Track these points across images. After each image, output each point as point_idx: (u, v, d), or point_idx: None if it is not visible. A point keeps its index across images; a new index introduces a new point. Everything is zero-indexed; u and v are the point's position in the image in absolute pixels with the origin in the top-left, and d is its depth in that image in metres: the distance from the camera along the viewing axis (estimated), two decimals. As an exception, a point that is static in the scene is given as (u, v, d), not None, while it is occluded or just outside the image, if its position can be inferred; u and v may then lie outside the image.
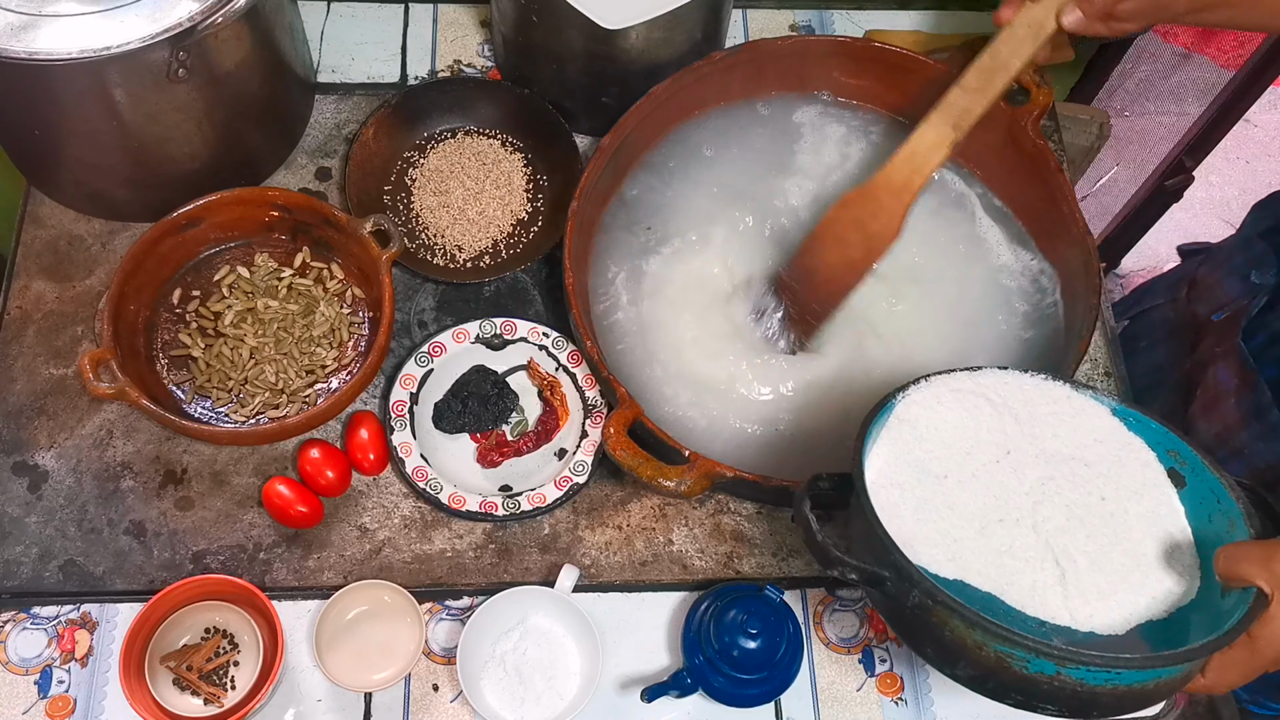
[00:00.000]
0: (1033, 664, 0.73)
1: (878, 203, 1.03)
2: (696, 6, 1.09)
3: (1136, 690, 0.75)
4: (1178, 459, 0.85)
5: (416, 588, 1.00)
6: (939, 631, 0.76)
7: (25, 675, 0.97)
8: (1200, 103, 2.16)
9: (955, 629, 0.75)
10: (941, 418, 0.86)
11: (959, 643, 0.75)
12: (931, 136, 1.01)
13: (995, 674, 0.75)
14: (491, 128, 1.24)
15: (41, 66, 0.92)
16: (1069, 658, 0.72)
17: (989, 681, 0.76)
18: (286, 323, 1.10)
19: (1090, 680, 0.73)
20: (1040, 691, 0.74)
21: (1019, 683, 0.74)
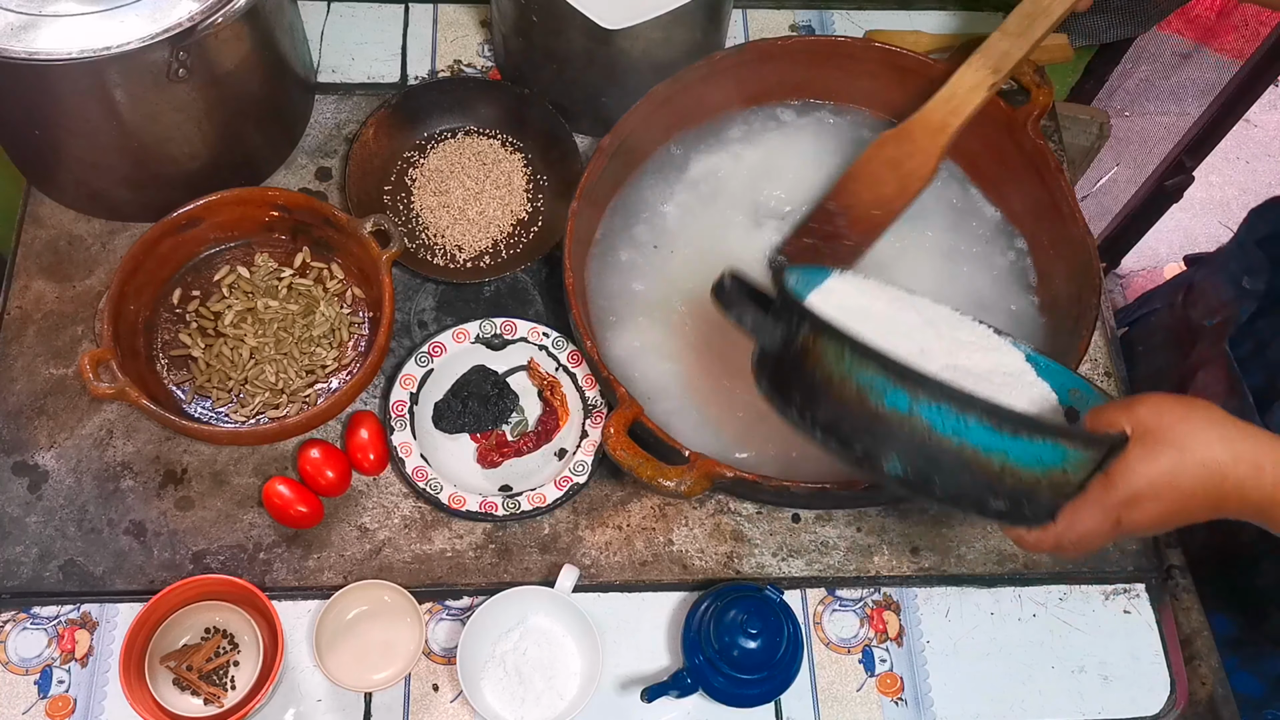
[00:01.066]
0: (889, 395, 0.74)
1: (914, 143, 1.04)
2: (696, 6, 1.09)
3: (982, 461, 0.74)
4: (1077, 396, 0.88)
5: (416, 588, 1.00)
6: (811, 372, 0.78)
7: (25, 675, 0.97)
8: (1200, 103, 2.16)
9: (826, 360, 0.77)
10: (870, 304, 0.88)
11: (825, 377, 0.77)
12: (971, 79, 1.02)
13: (852, 411, 0.76)
14: (491, 128, 1.24)
15: (41, 66, 0.92)
16: (923, 389, 0.73)
17: (842, 423, 0.78)
18: (286, 323, 1.10)
19: (938, 427, 0.73)
20: (889, 432, 0.75)
21: (870, 421, 0.75)
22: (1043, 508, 0.77)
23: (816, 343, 0.78)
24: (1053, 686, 1.03)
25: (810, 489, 0.97)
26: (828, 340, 0.77)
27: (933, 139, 1.03)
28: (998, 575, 1.07)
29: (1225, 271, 1.18)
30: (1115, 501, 0.75)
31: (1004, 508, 0.77)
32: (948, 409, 0.73)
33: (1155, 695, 1.03)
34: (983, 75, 1.02)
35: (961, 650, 1.04)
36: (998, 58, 1.02)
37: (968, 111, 1.02)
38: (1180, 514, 0.76)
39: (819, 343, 0.78)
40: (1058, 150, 1.28)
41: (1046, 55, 1.29)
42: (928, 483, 0.76)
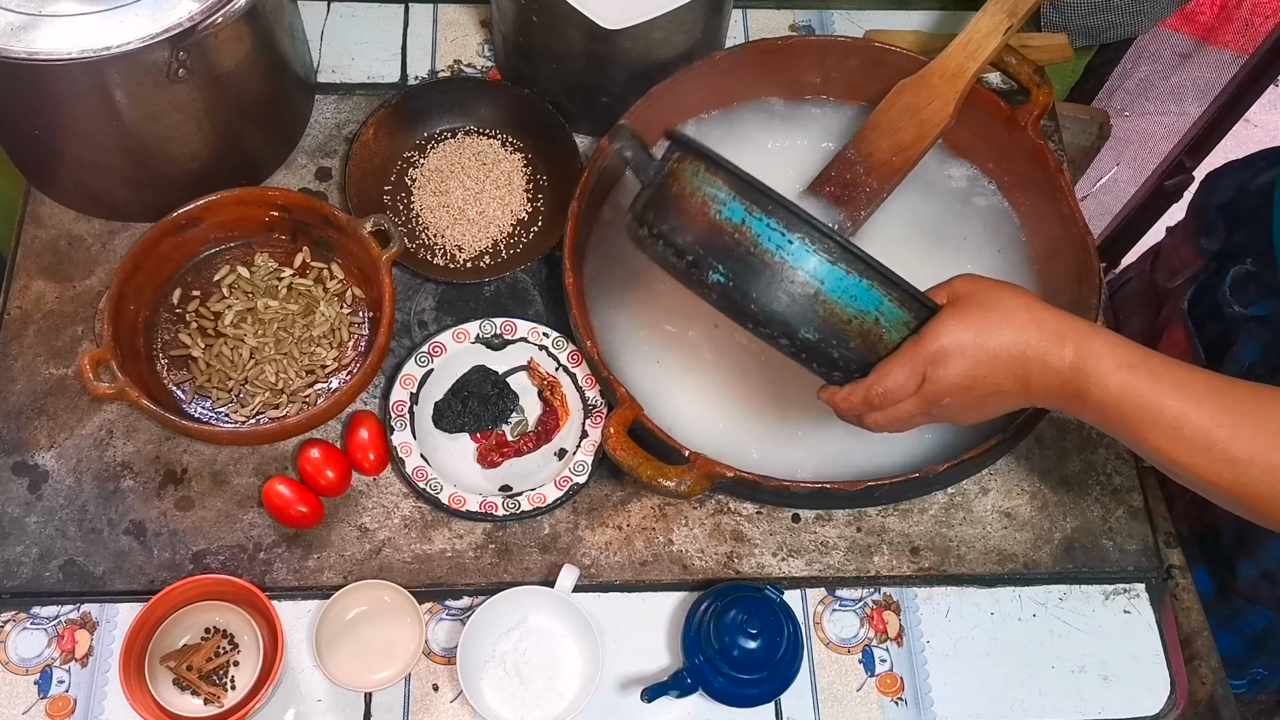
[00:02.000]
0: (728, 207, 0.80)
1: (932, 89, 1.07)
2: (696, 6, 1.09)
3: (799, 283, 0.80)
4: None
5: (416, 588, 1.00)
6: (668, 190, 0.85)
7: (25, 675, 0.97)
8: (1200, 103, 2.16)
9: (683, 177, 0.84)
10: None
11: (678, 194, 0.83)
12: (987, 23, 1.04)
13: (693, 221, 0.82)
14: (491, 128, 1.24)
15: (41, 66, 0.92)
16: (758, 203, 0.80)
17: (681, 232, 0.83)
18: (286, 323, 1.10)
19: (764, 241, 0.79)
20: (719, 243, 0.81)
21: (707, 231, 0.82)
22: (852, 356, 0.81)
23: (681, 163, 0.85)
24: (1053, 686, 1.03)
25: (810, 489, 0.97)
26: (690, 159, 0.83)
27: (950, 84, 1.06)
28: (998, 575, 1.07)
29: (1185, 233, 1.20)
30: (923, 356, 0.79)
31: (812, 338, 0.81)
32: (775, 225, 0.79)
33: (1155, 695, 1.03)
34: (999, 19, 1.04)
35: (961, 650, 1.04)
36: (1013, 1, 1.04)
37: (984, 56, 1.05)
38: (988, 382, 0.79)
39: (683, 163, 0.85)
40: (1058, 150, 1.28)
41: (1046, 55, 1.29)
42: (745, 297, 0.81)
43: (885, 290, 0.80)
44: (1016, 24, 1.03)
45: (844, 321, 0.80)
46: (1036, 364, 0.77)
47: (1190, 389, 0.76)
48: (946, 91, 1.06)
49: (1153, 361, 0.77)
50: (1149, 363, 0.77)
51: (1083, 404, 0.78)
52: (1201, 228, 1.16)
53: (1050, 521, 1.09)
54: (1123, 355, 0.77)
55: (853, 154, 1.13)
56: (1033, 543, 1.08)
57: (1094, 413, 0.78)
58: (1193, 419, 0.75)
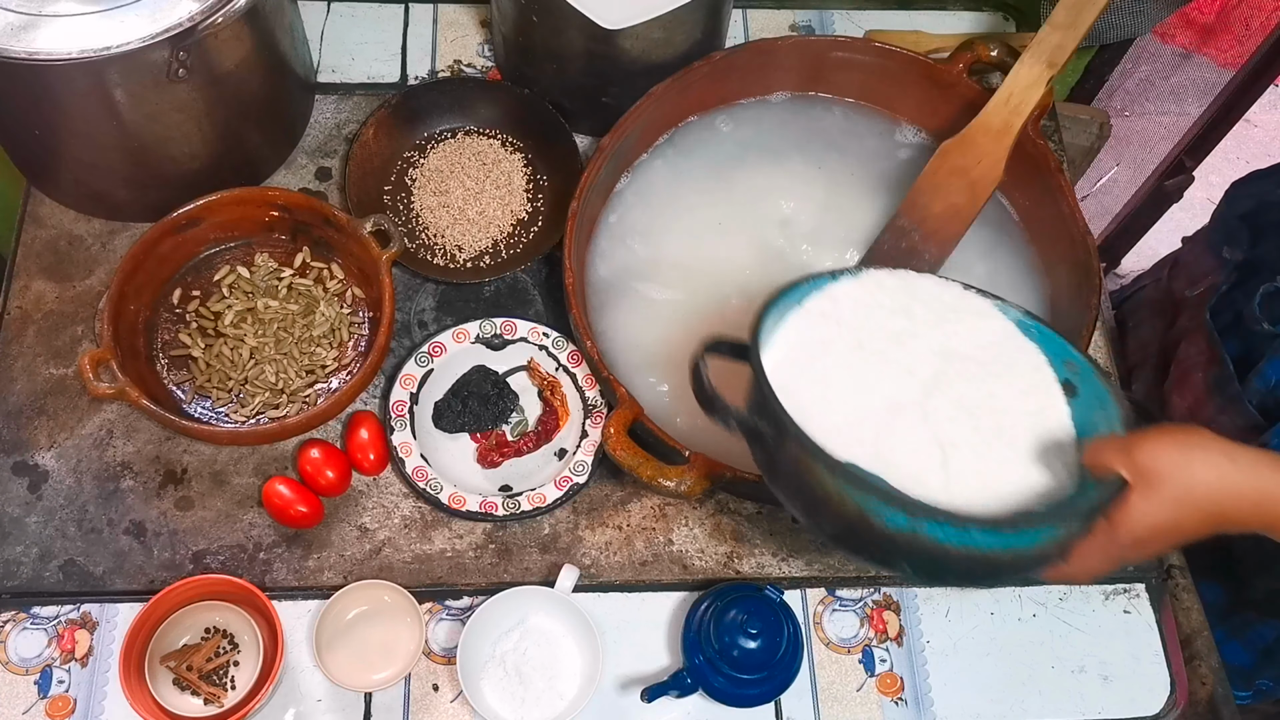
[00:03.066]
0: (889, 517, 0.74)
1: (979, 148, 1.04)
2: (696, 6, 1.09)
3: (990, 557, 0.76)
4: (1073, 370, 0.86)
5: (416, 588, 1.00)
6: (809, 487, 0.78)
7: (25, 675, 0.97)
8: (1200, 103, 2.16)
9: (821, 480, 0.76)
10: (850, 307, 0.87)
11: (824, 495, 0.77)
12: (1027, 76, 1.02)
13: (855, 528, 0.76)
14: (491, 128, 1.24)
15: (41, 66, 0.92)
16: (920, 511, 0.73)
17: (850, 537, 0.78)
18: (286, 323, 1.10)
19: (942, 539, 0.74)
20: (896, 547, 0.76)
21: (877, 538, 0.76)
22: (1052, 559, 0.78)
23: (803, 461, 0.78)
24: (1053, 686, 1.03)
25: (810, 489, 0.97)
26: (813, 460, 0.77)
27: (997, 141, 1.03)
28: (998, 575, 1.07)
29: (1206, 243, 1.19)
30: (1120, 545, 0.76)
31: (1012, 578, 0.81)
32: (948, 525, 0.74)
33: (1155, 695, 1.03)
34: (1038, 71, 1.02)
35: (961, 650, 1.03)
36: (1051, 51, 1.02)
37: (1028, 110, 1.03)
38: (1182, 542, 0.77)
39: (805, 461, 0.78)
40: (1058, 150, 1.28)
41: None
42: (941, 577, 0.79)
43: (1061, 522, 0.77)
44: (1055, 73, 1.01)
45: (1040, 553, 0.78)
46: (1234, 522, 0.76)
47: None
48: (995, 150, 1.04)
49: None
50: None
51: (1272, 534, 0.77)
52: (1224, 237, 1.16)
53: (1050, 521, 1.09)
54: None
55: (904, 222, 1.10)
56: (1033, 543, 1.08)
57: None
58: None
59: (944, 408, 0.83)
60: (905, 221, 1.10)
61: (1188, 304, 1.20)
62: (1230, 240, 1.14)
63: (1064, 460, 0.82)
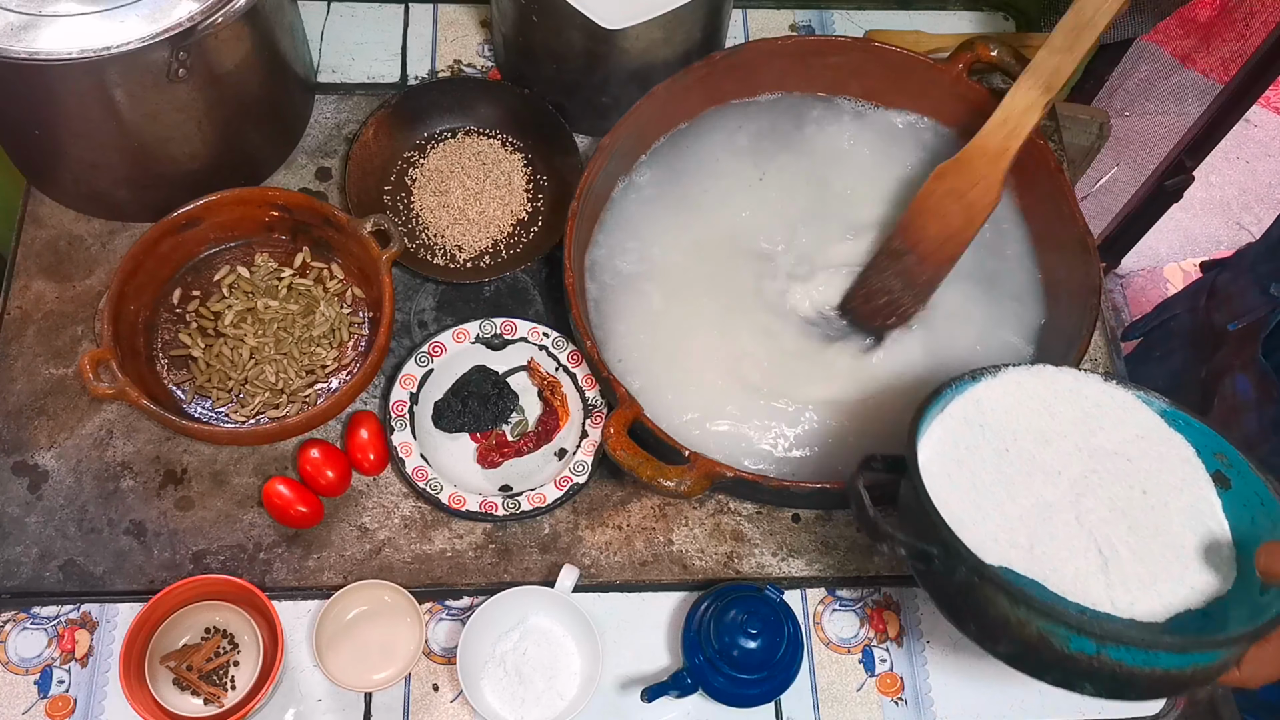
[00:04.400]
0: (1074, 642, 0.74)
1: (975, 171, 1.03)
2: (696, 6, 1.09)
3: (1174, 675, 0.76)
4: (1224, 462, 0.85)
5: (416, 588, 1.00)
6: (983, 609, 0.77)
7: (25, 675, 0.97)
8: (1200, 103, 2.16)
9: (1000, 606, 0.76)
10: (992, 409, 0.87)
11: (1002, 620, 0.76)
12: (1024, 100, 1.02)
13: (1036, 651, 0.76)
14: (491, 128, 1.24)
15: (41, 66, 0.92)
16: (1110, 637, 0.73)
17: (1029, 659, 0.78)
18: (286, 323, 1.10)
19: (1129, 661, 0.74)
20: (1079, 670, 0.76)
21: (1059, 661, 0.76)
22: (1229, 667, 0.79)
23: (982, 586, 0.77)
24: (1053, 686, 1.02)
25: (810, 489, 0.97)
26: (993, 589, 0.76)
27: (993, 165, 1.03)
28: (998, 575, 1.06)
29: (1252, 274, 1.17)
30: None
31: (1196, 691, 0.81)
32: (1135, 648, 0.74)
33: (1155, 695, 1.03)
34: (1035, 95, 1.01)
35: (961, 650, 1.03)
36: (1049, 75, 1.01)
37: (1025, 133, 1.01)
38: None
39: (984, 587, 0.77)
40: (1058, 150, 1.28)
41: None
42: (1124, 694, 0.78)
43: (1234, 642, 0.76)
44: (1052, 97, 1.00)
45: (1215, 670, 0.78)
46: None
47: None
48: (991, 173, 1.03)
49: None
50: None
51: None
52: (1270, 272, 1.14)
53: (1050, 521, 1.09)
54: None
55: (899, 244, 1.09)
56: (1033, 543, 1.08)
57: None
58: None
59: (1097, 509, 0.83)
60: (900, 244, 1.09)
61: (1230, 338, 1.18)
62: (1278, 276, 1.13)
63: (1222, 558, 0.82)
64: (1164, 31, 2.33)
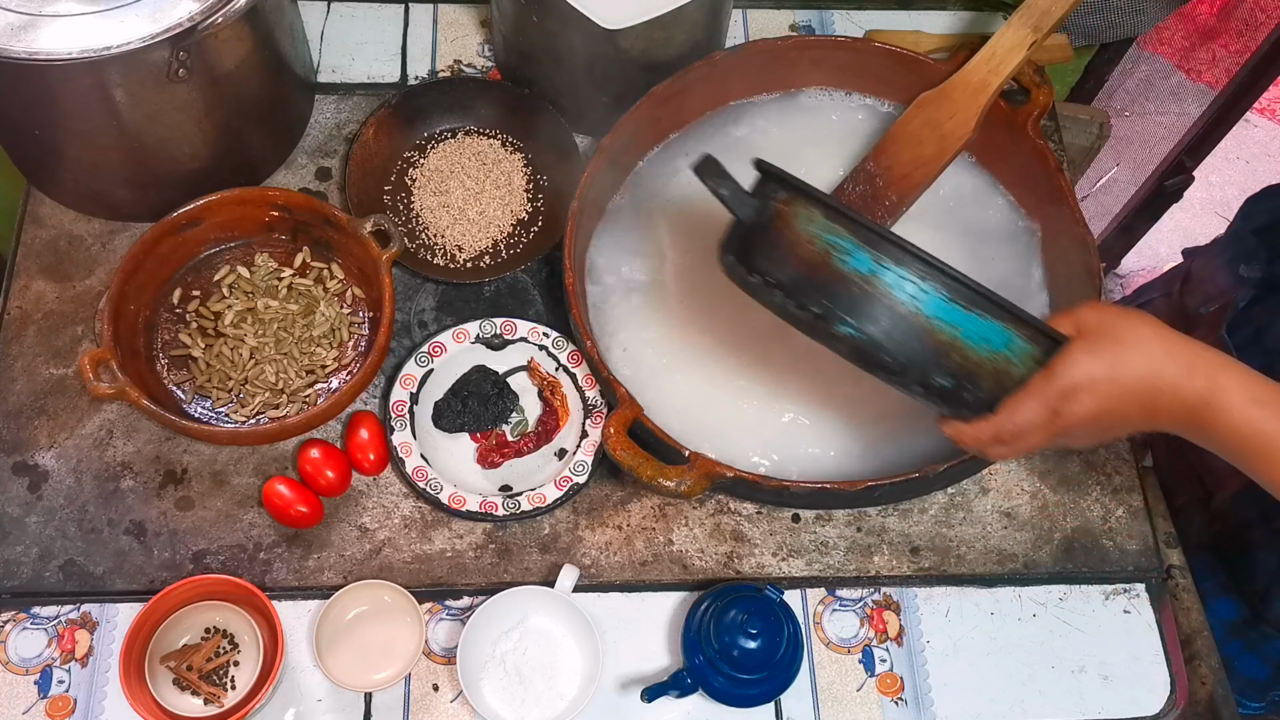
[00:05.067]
0: (854, 257, 0.77)
1: (954, 103, 1.07)
2: (696, 6, 1.09)
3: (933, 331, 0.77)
4: None
5: (416, 588, 1.00)
6: (779, 234, 0.81)
7: (25, 675, 0.97)
8: (1200, 103, 2.16)
9: (796, 222, 0.80)
10: None
11: (793, 240, 0.80)
12: (1011, 38, 1.04)
13: (815, 272, 0.79)
14: (491, 128, 1.24)
15: (41, 66, 0.92)
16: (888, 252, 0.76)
17: (804, 284, 0.80)
18: (286, 323, 1.10)
19: (897, 291, 0.76)
20: (848, 294, 0.78)
21: (832, 281, 0.78)
22: (983, 396, 0.79)
23: (790, 205, 0.81)
24: (1053, 686, 1.03)
25: (810, 489, 0.97)
26: (802, 203, 0.80)
27: (973, 99, 1.06)
28: (998, 575, 1.07)
29: (1222, 259, 1.19)
30: (1055, 391, 0.77)
31: (947, 385, 0.79)
32: (908, 274, 0.76)
33: (1155, 695, 1.03)
34: (1023, 34, 1.03)
35: (961, 650, 1.04)
36: (1038, 16, 1.04)
37: (1008, 70, 1.05)
38: (1116, 414, 0.78)
39: (793, 205, 0.81)
40: (1058, 150, 1.28)
41: (1046, 55, 1.29)
42: (878, 347, 0.78)
43: (1016, 328, 0.78)
44: (1041, 39, 1.03)
45: (977, 365, 0.78)
46: (1166, 395, 0.77)
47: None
48: (969, 106, 1.06)
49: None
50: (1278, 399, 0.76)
51: (1207, 436, 0.78)
52: (1240, 253, 1.15)
53: (1050, 521, 1.09)
54: (1255, 391, 0.76)
55: (872, 166, 1.12)
56: (1033, 543, 1.08)
57: (1218, 445, 0.78)
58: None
59: None
60: (873, 166, 1.13)
61: (1202, 320, 1.19)
62: (1248, 257, 1.14)
63: None
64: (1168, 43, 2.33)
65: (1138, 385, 0.77)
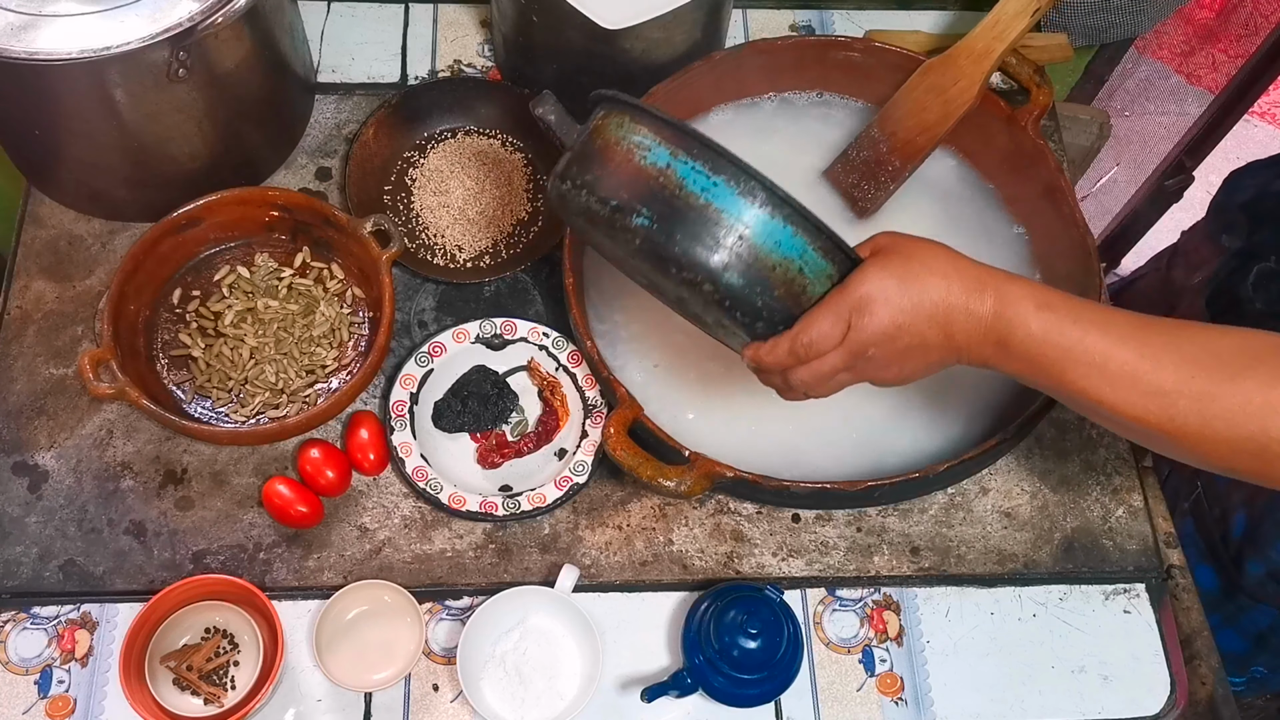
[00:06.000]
0: (652, 153, 0.80)
1: (958, 69, 1.07)
2: (696, 6, 1.09)
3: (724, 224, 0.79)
4: None
5: (416, 588, 1.00)
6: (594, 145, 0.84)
7: (25, 675, 0.97)
8: (1200, 103, 2.16)
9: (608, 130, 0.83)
10: None
11: (603, 146, 0.83)
12: (1015, 5, 1.05)
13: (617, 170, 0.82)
14: (491, 128, 1.24)
15: (41, 66, 0.92)
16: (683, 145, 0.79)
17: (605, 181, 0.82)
18: (286, 323, 1.10)
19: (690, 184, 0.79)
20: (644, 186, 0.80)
21: (631, 176, 0.81)
22: (776, 306, 0.80)
23: (606, 118, 0.84)
24: (1053, 686, 1.03)
25: (810, 489, 0.97)
26: (616, 113, 0.83)
27: (976, 65, 1.06)
28: (998, 575, 1.07)
29: (1205, 231, 1.19)
30: (847, 304, 0.78)
31: (737, 284, 0.80)
32: (700, 167, 0.78)
33: (1155, 695, 1.03)
34: (1028, 1, 1.03)
35: (961, 650, 1.04)
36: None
37: (1011, 37, 1.05)
38: (913, 332, 0.78)
39: (609, 118, 0.84)
40: (1058, 150, 1.28)
41: (1046, 55, 1.29)
42: (668, 239, 0.80)
43: (810, 238, 0.80)
44: (1045, 6, 1.03)
45: (769, 268, 0.80)
46: (959, 312, 0.78)
47: (1110, 325, 0.76)
48: (972, 72, 1.07)
49: (1071, 302, 0.78)
50: (1068, 304, 0.77)
51: (1006, 351, 0.78)
52: (1222, 225, 1.17)
53: (1050, 521, 1.09)
54: (1041, 297, 0.78)
55: (877, 132, 1.14)
56: (1033, 543, 1.08)
57: (1018, 360, 0.78)
58: (1116, 354, 0.75)
59: None
60: (877, 132, 1.14)
61: (1186, 292, 1.21)
62: (1229, 228, 1.15)
63: None
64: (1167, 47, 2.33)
65: (928, 300, 0.78)
